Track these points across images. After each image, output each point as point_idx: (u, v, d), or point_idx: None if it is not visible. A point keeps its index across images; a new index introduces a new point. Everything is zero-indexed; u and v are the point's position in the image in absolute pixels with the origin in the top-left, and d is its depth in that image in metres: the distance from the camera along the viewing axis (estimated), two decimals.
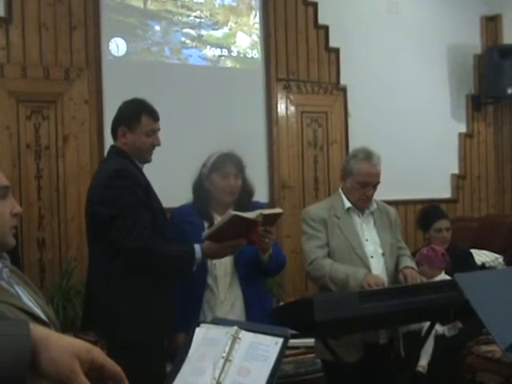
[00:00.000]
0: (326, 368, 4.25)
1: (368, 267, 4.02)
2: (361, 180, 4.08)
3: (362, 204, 4.15)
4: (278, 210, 3.69)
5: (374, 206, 4.20)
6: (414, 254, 5.36)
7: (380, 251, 4.12)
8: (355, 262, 4.03)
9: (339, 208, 4.15)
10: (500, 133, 8.49)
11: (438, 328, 4.94)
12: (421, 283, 3.96)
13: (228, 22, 6.87)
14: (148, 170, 3.75)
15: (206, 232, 3.51)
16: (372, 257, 4.08)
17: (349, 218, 4.14)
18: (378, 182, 4.14)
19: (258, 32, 7.02)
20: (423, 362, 4.85)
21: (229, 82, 6.78)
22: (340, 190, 4.25)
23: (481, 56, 8.26)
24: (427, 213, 5.82)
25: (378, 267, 4.07)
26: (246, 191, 3.90)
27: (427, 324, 4.33)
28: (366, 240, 4.11)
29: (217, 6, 6.82)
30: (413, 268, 4.14)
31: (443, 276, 4.91)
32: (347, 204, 4.14)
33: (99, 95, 6.10)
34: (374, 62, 7.52)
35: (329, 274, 3.96)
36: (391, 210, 4.35)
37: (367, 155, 4.12)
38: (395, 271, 4.15)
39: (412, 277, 3.99)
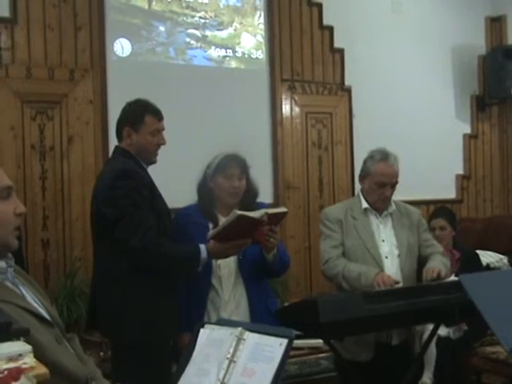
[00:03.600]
0: (339, 366, 4.25)
1: (381, 268, 4.02)
2: (378, 180, 4.09)
3: (380, 205, 4.16)
4: (282, 210, 3.69)
5: (393, 207, 4.21)
6: None
7: (396, 252, 4.12)
8: (369, 262, 4.04)
9: (356, 209, 4.18)
10: (505, 133, 8.48)
11: (444, 330, 4.93)
12: (426, 284, 3.95)
13: (233, 22, 6.87)
14: (152, 170, 3.75)
15: (212, 232, 3.51)
16: (387, 257, 4.08)
17: (365, 219, 4.15)
18: (396, 182, 4.15)
19: (262, 32, 7.02)
20: (428, 374, 4.84)
21: (233, 82, 6.77)
22: (359, 192, 4.28)
23: (485, 57, 8.25)
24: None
25: (392, 268, 4.06)
26: (251, 192, 3.90)
27: (430, 327, 4.32)
28: (383, 241, 4.12)
29: (221, 6, 6.82)
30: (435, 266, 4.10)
31: (453, 278, 4.90)
32: (364, 205, 4.16)
33: (104, 96, 6.10)
34: (379, 63, 7.52)
35: (342, 273, 3.99)
36: (414, 211, 4.34)
37: (384, 156, 4.14)
38: (414, 272, 4.15)
39: (432, 273, 3.96)
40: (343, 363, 3.96)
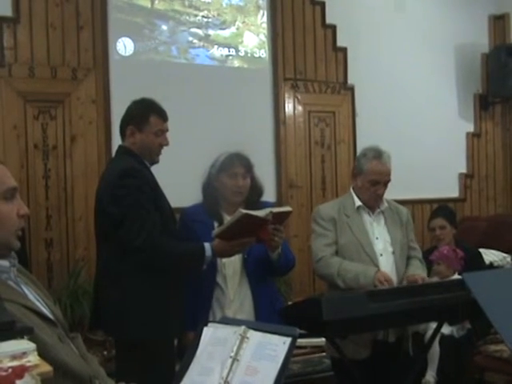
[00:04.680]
0: (336, 366, 4.26)
1: (377, 265, 4.02)
2: (371, 179, 4.09)
3: (373, 203, 4.16)
4: (287, 209, 3.70)
5: (385, 204, 4.21)
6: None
7: (390, 249, 4.12)
8: (364, 259, 4.03)
9: (349, 207, 4.17)
10: (508, 132, 8.47)
11: (447, 329, 4.93)
12: (429, 283, 3.96)
13: (235, 21, 6.86)
14: (156, 169, 3.75)
15: (216, 230, 3.52)
16: (381, 255, 4.08)
17: (359, 217, 4.15)
18: (389, 181, 4.15)
19: (265, 31, 7.01)
20: (431, 373, 4.85)
21: (236, 81, 6.77)
22: (351, 189, 4.27)
23: (488, 55, 8.24)
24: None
25: (387, 265, 4.07)
26: (255, 190, 3.91)
27: (433, 326, 4.33)
28: (376, 238, 4.12)
29: (224, 5, 6.81)
30: (419, 274, 4.13)
31: (456, 277, 4.90)
32: (357, 203, 4.15)
33: (107, 95, 6.09)
34: (382, 62, 7.51)
35: (337, 272, 3.97)
36: (403, 209, 4.35)
37: (377, 154, 4.13)
38: (406, 271, 4.15)
39: (422, 281, 3.99)
40: (342, 362, 3.95)
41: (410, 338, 4.25)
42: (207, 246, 3.47)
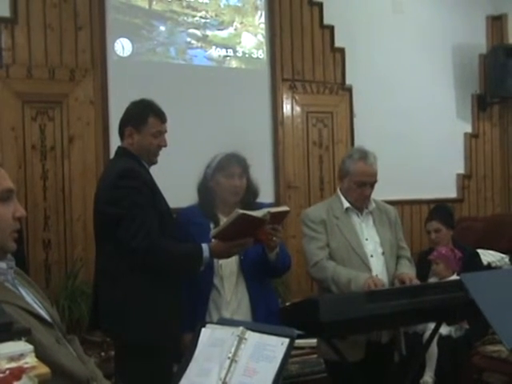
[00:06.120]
0: (329, 367, 4.25)
1: (368, 266, 4.01)
2: (357, 180, 4.07)
3: (360, 204, 4.14)
4: (285, 208, 3.68)
5: (373, 205, 4.19)
6: (419, 255, 5.36)
7: (380, 250, 4.10)
8: (355, 261, 4.02)
9: (338, 208, 4.15)
10: (506, 132, 8.47)
11: (445, 329, 4.93)
12: (427, 283, 3.95)
13: (233, 22, 6.86)
14: (153, 170, 3.75)
15: (214, 231, 3.50)
16: (372, 256, 4.07)
17: (348, 218, 4.13)
18: (376, 181, 4.13)
19: (263, 32, 7.02)
20: (429, 373, 4.85)
21: (234, 82, 6.77)
22: (338, 191, 4.25)
23: (486, 56, 8.24)
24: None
25: (378, 266, 4.06)
26: (251, 191, 3.90)
27: (431, 326, 4.32)
28: (366, 239, 4.10)
29: (222, 6, 6.81)
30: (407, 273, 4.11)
31: (455, 277, 4.90)
32: (346, 204, 4.13)
33: (104, 96, 6.09)
34: (380, 62, 7.51)
35: (331, 276, 3.95)
36: (391, 209, 4.33)
37: (363, 154, 4.10)
38: (395, 270, 4.14)
39: (410, 280, 3.97)
40: (336, 364, 3.95)
41: (403, 338, 4.25)
42: (205, 246, 3.46)
